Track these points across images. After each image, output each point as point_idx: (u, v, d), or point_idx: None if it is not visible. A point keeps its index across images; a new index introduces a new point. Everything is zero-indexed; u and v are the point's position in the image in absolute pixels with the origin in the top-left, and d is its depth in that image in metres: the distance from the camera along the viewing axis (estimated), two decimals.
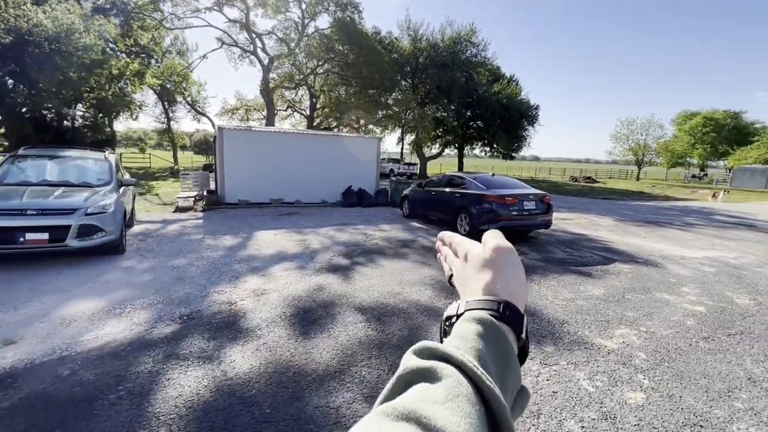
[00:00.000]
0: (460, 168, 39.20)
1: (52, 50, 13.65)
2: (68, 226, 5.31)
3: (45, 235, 5.19)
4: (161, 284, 4.98)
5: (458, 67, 29.24)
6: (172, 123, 31.94)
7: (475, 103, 31.35)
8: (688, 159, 48.25)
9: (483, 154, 42.37)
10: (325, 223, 9.96)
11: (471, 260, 0.47)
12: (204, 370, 2.88)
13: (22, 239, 5.06)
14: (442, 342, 0.40)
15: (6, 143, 18.95)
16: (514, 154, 38.07)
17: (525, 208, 8.03)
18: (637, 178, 46.22)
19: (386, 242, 7.93)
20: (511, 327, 0.41)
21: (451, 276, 0.51)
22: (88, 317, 3.90)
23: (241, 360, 3.03)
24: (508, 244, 0.47)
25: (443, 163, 47.84)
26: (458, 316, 0.42)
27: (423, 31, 30.12)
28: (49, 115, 20.81)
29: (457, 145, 39.12)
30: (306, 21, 27.41)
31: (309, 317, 3.98)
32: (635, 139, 45.88)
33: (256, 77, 28.85)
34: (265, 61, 27.57)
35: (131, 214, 8.44)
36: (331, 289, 4.94)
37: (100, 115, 23.65)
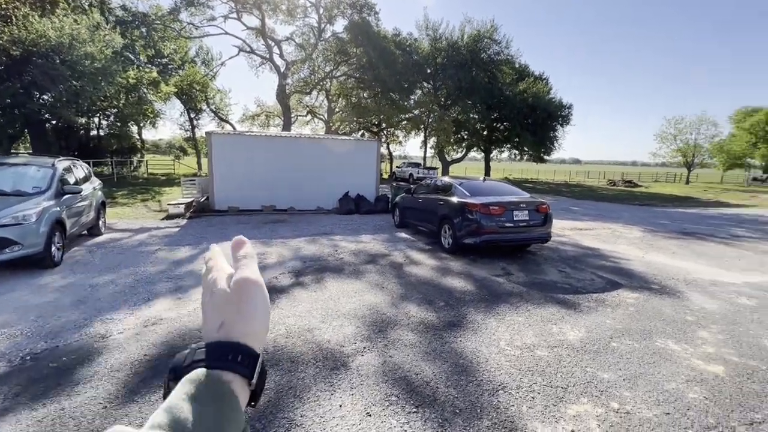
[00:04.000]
0: (486, 172, 37.42)
1: (61, 61, 14.00)
2: None
3: None
4: (55, 307, 4.35)
5: (479, 67, 27.79)
6: (197, 130, 32.82)
7: (500, 103, 29.66)
8: (748, 160, 43.22)
9: (513, 157, 40.32)
10: (303, 233, 9.18)
11: (214, 294, 0.46)
12: None
13: None
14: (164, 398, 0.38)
15: (30, 152, 19.89)
16: (545, 157, 35.86)
17: (515, 218, 6.80)
18: (687, 182, 42.03)
19: (353, 257, 6.99)
20: (241, 372, 0.41)
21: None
22: None
23: None
24: (254, 277, 0.46)
25: (468, 167, 45.98)
26: (185, 367, 0.41)
27: (442, 31, 28.97)
28: (75, 126, 21.70)
29: (483, 149, 37.42)
30: (323, 25, 27.18)
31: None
32: (684, 138, 41.80)
33: (275, 83, 29.33)
34: (282, 68, 27.60)
35: (96, 223, 8.08)
36: None
37: (124, 123, 24.45)
